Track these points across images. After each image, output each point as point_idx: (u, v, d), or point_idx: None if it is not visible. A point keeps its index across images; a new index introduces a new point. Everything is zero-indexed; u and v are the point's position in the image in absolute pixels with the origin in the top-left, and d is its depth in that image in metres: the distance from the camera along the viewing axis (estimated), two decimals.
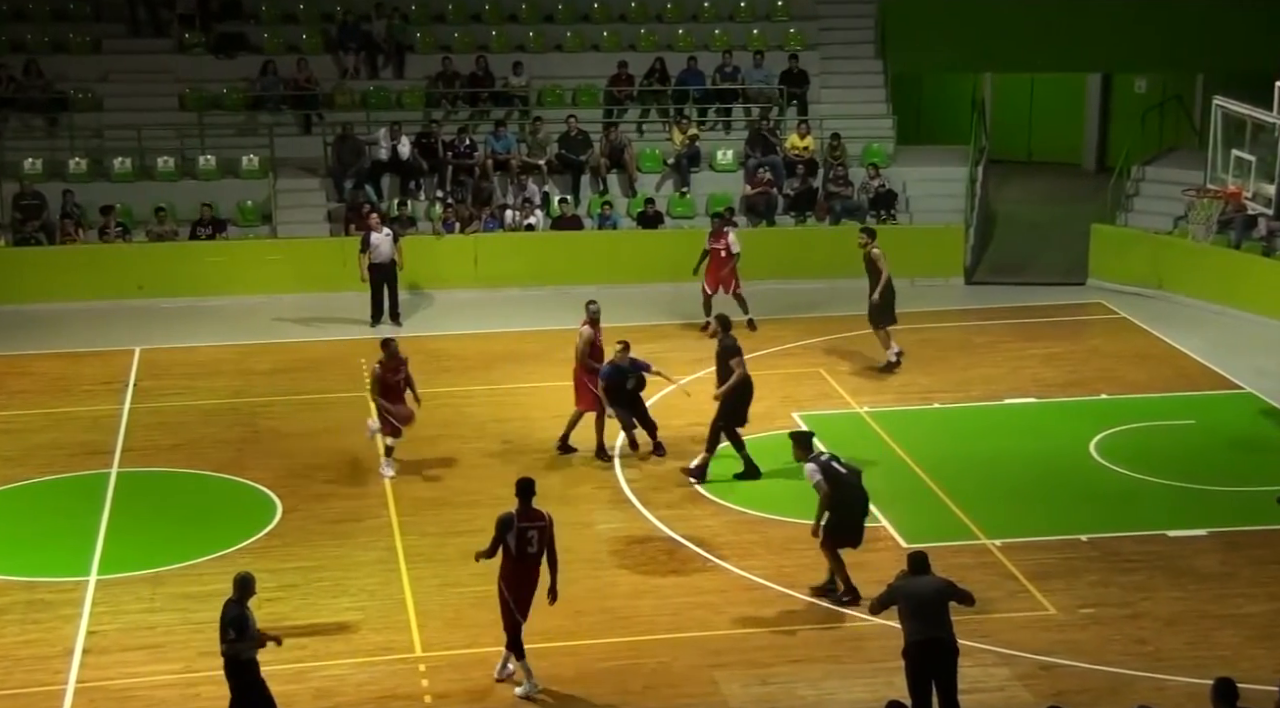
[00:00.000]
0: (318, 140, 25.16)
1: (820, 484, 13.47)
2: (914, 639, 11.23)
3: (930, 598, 11.28)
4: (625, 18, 27.68)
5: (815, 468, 13.55)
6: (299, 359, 20.82)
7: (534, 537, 12.07)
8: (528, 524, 12.13)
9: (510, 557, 12.13)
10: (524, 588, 12.18)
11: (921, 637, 11.19)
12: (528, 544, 12.05)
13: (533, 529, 12.09)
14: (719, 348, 16.72)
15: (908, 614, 11.29)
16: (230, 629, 11.09)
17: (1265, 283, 21.86)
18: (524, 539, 12.05)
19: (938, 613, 11.25)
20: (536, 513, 12.18)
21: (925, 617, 11.21)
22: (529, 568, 12.16)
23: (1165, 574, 14.23)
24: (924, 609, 11.23)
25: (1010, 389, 19.07)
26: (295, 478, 16.67)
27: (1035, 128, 31.38)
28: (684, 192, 24.97)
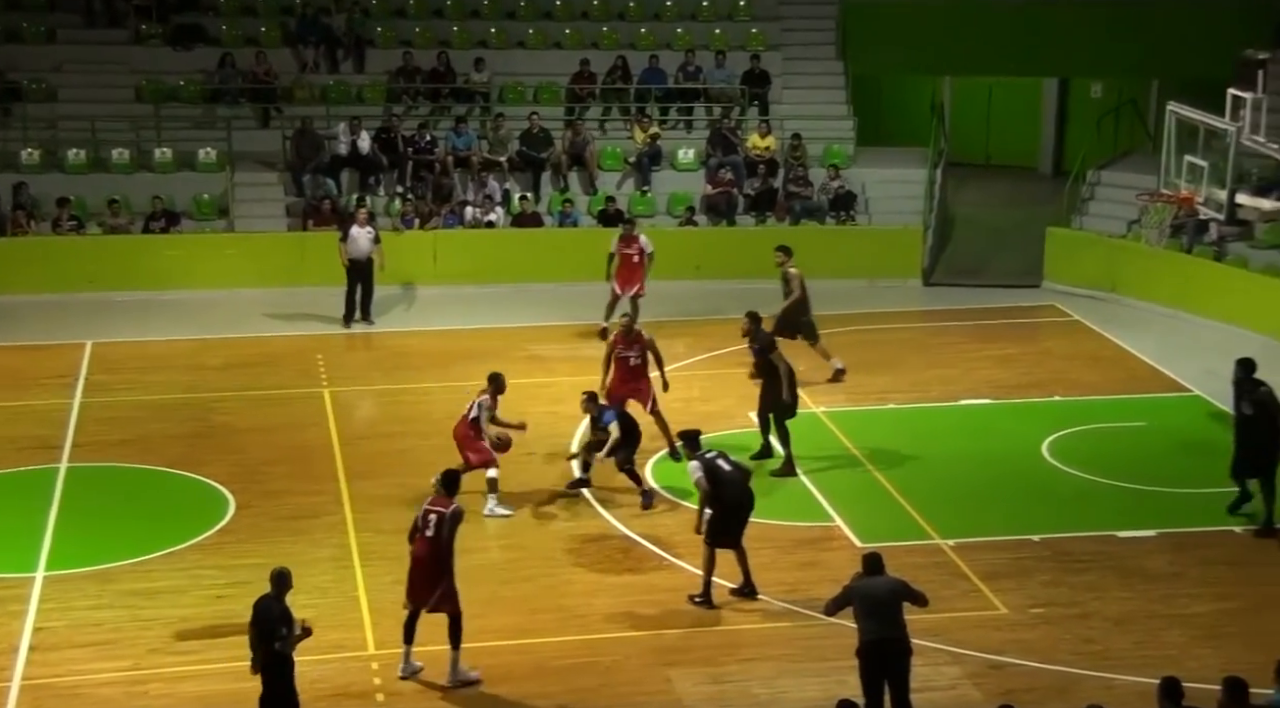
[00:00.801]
0: (276, 134, 25.03)
1: (700, 482, 13.62)
2: (868, 639, 11.31)
3: (885, 598, 11.37)
4: (587, 15, 27.67)
5: (697, 466, 13.71)
6: (255, 354, 20.71)
7: (432, 520, 12.19)
8: (432, 508, 12.29)
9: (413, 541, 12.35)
10: (415, 568, 12.27)
11: (876, 636, 11.27)
12: (426, 526, 12.20)
13: (433, 513, 12.24)
14: (757, 343, 16.71)
15: (862, 614, 11.37)
16: (281, 627, 11.03)
17: (1215, 287, 22.08)
18: (424, 521, 12.24)
19: (892, 613, 11.33)
20: (446, 501, 12.32)
21: (880, 617, 11.29)
22: (418, 550, 12.23)
23: (1114, 575, 14.36)
24: (878, 609, 11.31)
25: (965, 390, 19.19)
26: (249, 474, 16.59)
27: (993, 131, 31.59)
28: (645, 190, 25.00)
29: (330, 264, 22.10)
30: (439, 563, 12.20)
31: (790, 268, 19.33)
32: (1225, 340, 20.99)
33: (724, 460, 13.84)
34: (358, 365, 20.51)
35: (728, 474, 13.71)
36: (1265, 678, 10.46)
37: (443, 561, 12.20)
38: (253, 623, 11.24)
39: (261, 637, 11.11)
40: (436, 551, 12.19)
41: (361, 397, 19.39)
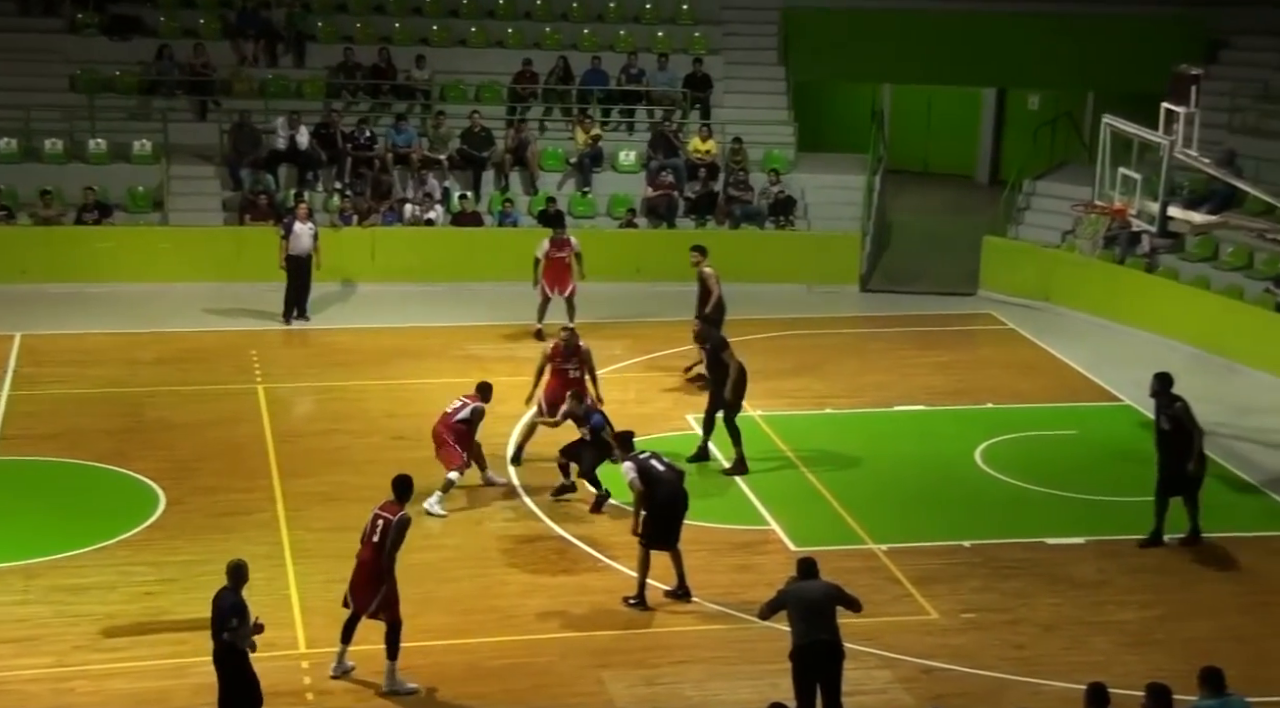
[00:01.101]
0: (214, 127, 24.79)
1: (634, 482, 13.69)
2: (801, 642, 11.36)
3: (818, 602, 11.43)
4: (530, 15, 27.63)
5: (631, 466, 13.80)
6: (188, 349, 20.50)
7: (379, 526, 12.13)
8: (381, 513, 12.24)
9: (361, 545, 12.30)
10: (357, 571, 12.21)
11: (808, 639, 11.32)
12: (374, 532, 12.15)
13: (381, 519, 12.19)
14: (710, 344, 16.82)
15: (796, 618, 11.43)
16: (232, 618, 10.95)
17: (1147, 298, 22.39)
18: (373, 526, 12.20)
19: (825, 617, 11.39)
20: (394, 509, 12.24)
21: (813, 620, 11.35)
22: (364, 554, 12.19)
23: (1044, 581, 14.51)
24: (812, 613, 11.37)
25: (901, 396, 19.33)
26: (180, 470, 16.42)
27: (932, 140, 31.86)
28: (586, 191, 24.99)
29: (266, 259, 21.93)
30: (381, 569, 12.10)
31: (705, 267, 19.39)
32: (1156, 351, 21.29)
33: (657, 461, 13.90)
34: (293, 362, 20.36)
35: (661, 474, 13.77)
36: (1190, 685, 10.62)
37: (386, 567, 12.10)
38: (212, 617, 11.17)
39: (216, 628, 11.04)
40: (380, 557, 12.11)
41: (296, 393, 19.24)
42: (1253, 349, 20.60)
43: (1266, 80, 25.42)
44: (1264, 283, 21.43)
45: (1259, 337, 20.60)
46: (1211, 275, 22.23)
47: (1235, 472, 17.25)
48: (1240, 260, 22.33)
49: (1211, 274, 22.26)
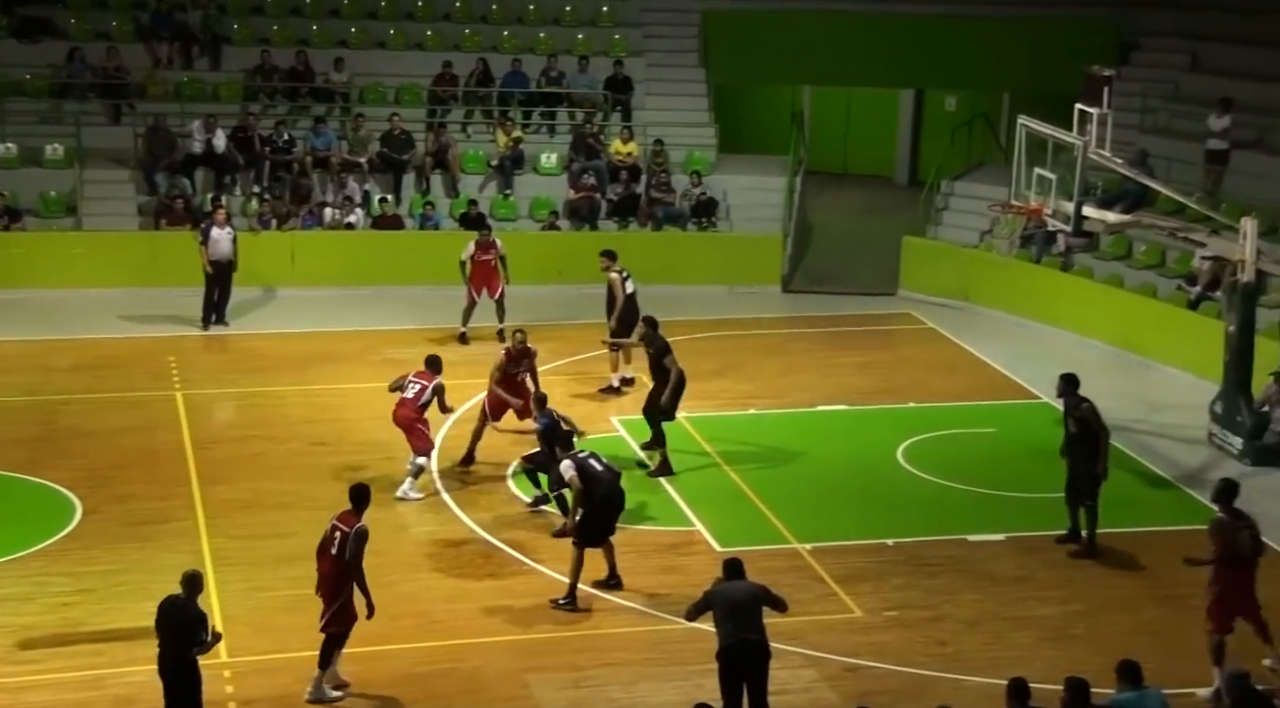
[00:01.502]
0: (128, 131, 24.44)
1: (573, 480, 13.79)
2: (727, 642, 11.41)
3: (744, 602, 11.49)
4: (450, 17, 27.50)
5: (570, 464, 13.90)
6: (103, 356, 20.20)
7: (337, 538, 11.99)
8: (338, 524, 12.12)
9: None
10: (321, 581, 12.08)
11: (734, 639, 11.38)
12: (332, 544, 12.02)
13: (339, 530, 12.04)
14: (653, 348, 16.90)
15: (722, 618, 11.48)
16: (200, 630, 10.85)
17: (1063, 297, 22.70)
18: (330, 537, 12.05)
19: (751, 617, 11.45)
20: (351, 519, 12.09)
21: (739, 620, 11.40)
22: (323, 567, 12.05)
23: (965, 578, 14.67)
24: (738, 613, 11.43)
25: (824, 396, 19.46)
26: (96, 478, 16.18)
27: (851, 141, 32.09)
28: (507, 194, 24.92)
29: (183, 264, 21.67)
30: (341, 581, 11.95)
31: (612, 272, 19.36)
32: (1072, 349, 21.62)
33: (595, 460, 13.98)
34: (211, 368, 20.11)
35: (599, 473, 13.85)
36: (1109, 679, 10.78)
37: (356, 579, 11.93)
38: (160, 625, 11.00)
39: (178, 639, 10.86)
40: (341, 569, 11.93)
41: (215, 400, 19.02)
42: (1166, 346, 20.95)
43: (1176, 82, 25.89)
44: (1176, 281, 21.80)
45: (1172, 334, 20.96)
46: (1125, 274, 22.58)
47: (1151, 467, 17.55)
48: (1153, 259, 22.71)
49: (1125, 273, 22.61)
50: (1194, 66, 26.14)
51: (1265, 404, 17.89)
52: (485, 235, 21.20)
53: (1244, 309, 17.80)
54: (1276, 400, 17.79)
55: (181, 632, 10.88)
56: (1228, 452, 17.91)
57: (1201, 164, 23.43)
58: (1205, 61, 26.06)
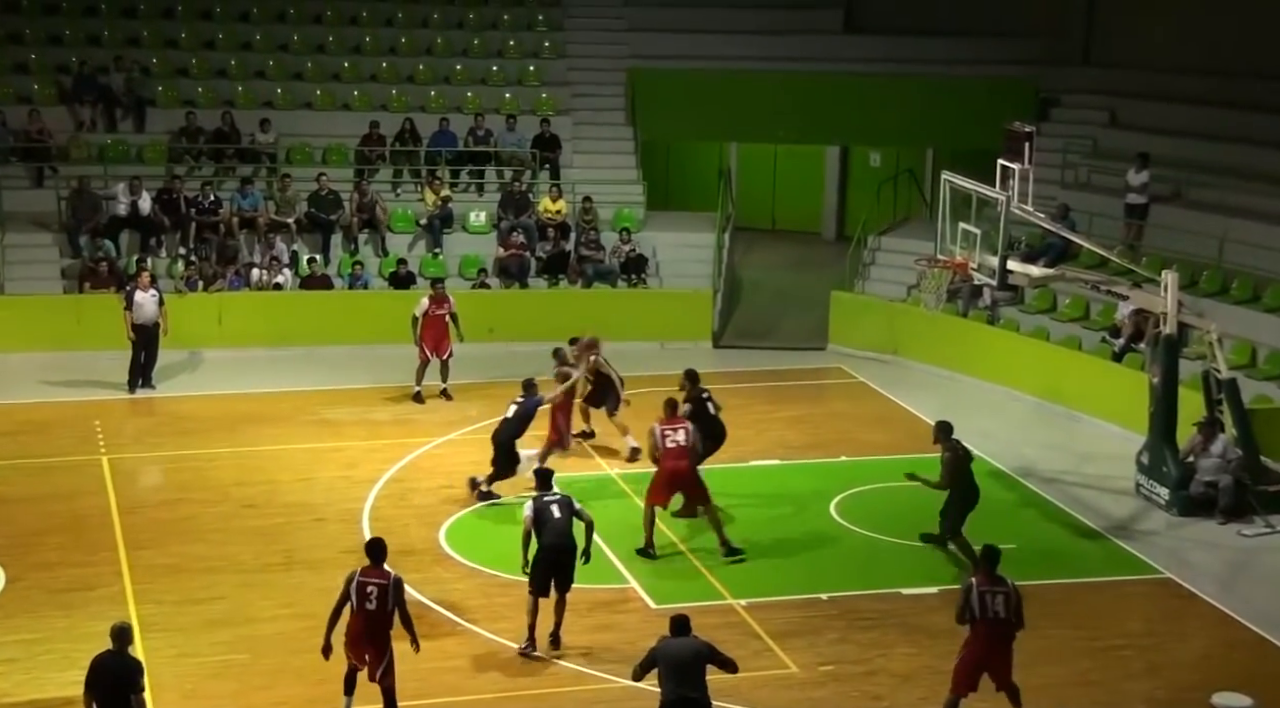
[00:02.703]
0: (51, 194, 24.19)
1: (526, 519, 13.89)
2: (667, 699, 11.39)
3: (687, 660, 11.49)
4: (376, 78, 27.54)
5: (530, 504, 13.97)
6: (27, 421, 19.87)
7: (372, 593, 12.19)
8: (367, 579, 12.29)
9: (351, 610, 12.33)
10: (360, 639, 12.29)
11: (675, 697, 11.37)
12: (366, 599, 12.21)
13: (371, 585, 12.23)
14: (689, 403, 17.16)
15: (665, 675, 11.48)
16: (139, 676, 10.84)
17: (989, 350, 22.96)
18: (363, 594, 12.22)
19: (693, 675, 11.44)
20: (382, 572, 12.33)
21: (680, 678, 11.40)
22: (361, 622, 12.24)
23: (900, 631, 14.70)
24: (680, 671, 11.42)
25: (756, 451, 19.49)
26: (19, 546, 15.86)
27: (778, 198, 32.40)
28: (437, 252, 24.89)
29: (108, 327, 21.41)
30: (385, 631, 12.27)
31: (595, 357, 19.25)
32: (1000, 401, 21.84)
33: (559, 507, 13.93)
34: (138, 432, 19.84)
35: (554, 521, 13.85)
36: None
37: (388, 629, 12.26)
38: (96, 684, 10.87)
39: (117, 692, 10.75)
40: (384, 619, 12.25)
41: (142, 464, 18.74)
42: (1092, 398, 21.22)
43: (1095, 138, 26.41)
44: (1100, 333, 22.14)
45: (1097, 386, 21.24)
46: (1050, 327, 22.89)
47: (1080, 518, 17.72)
48: (1077, 312, 23.05)
49: (1050, 326, 22.93)
50: (1112, 122, 26.70)
51: (1190, 455, 18.14)
52: (439, 290, 21.13)
53: (1167, 361, 18.08)
54: (1201, 450, 18.05)
55: (121, 682, 10.77)
56: (1155, 502, 18.13)
57: (1122, 218, 23.89)
58: (1123, 118, 26.64)
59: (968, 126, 26.38)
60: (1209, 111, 25.20)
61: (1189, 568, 16.34)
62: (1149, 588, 15.98)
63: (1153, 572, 16.29)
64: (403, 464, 18.53)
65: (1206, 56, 25.72)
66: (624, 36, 28.58)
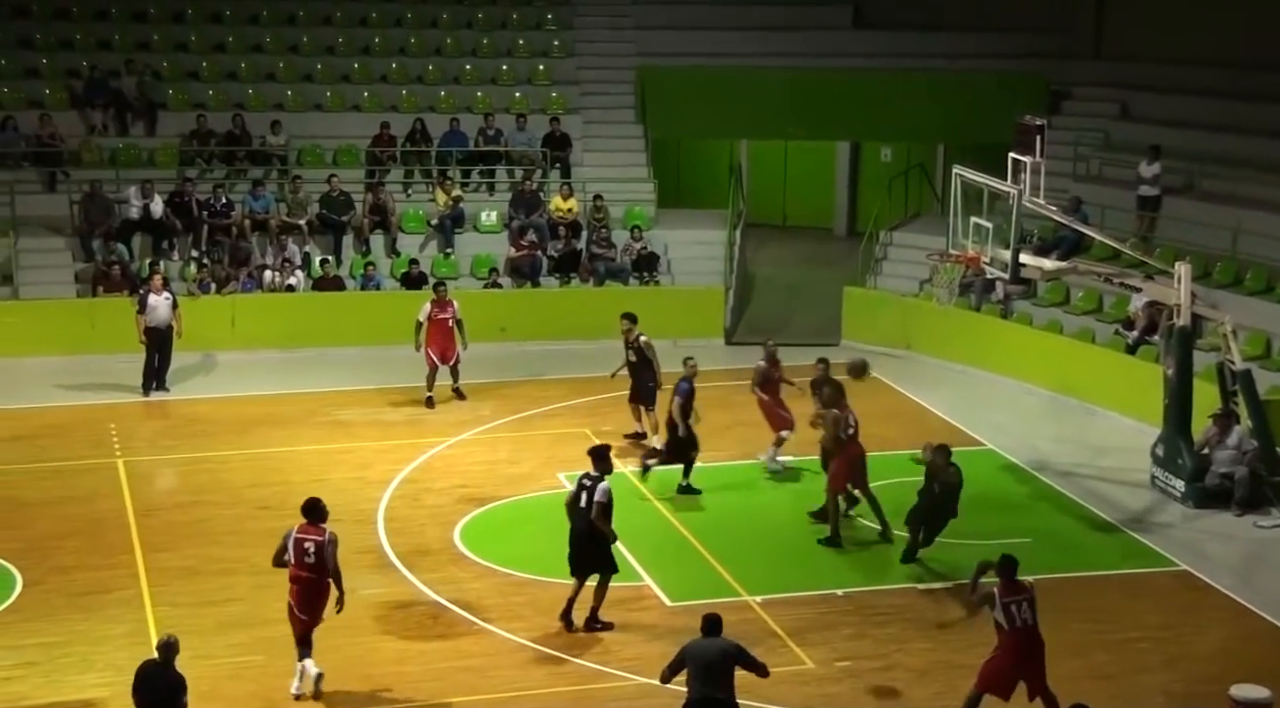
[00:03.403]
0: (63, 198, 24.26)
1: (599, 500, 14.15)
2: (692, 698, 11.40)
3: (715, 660, 11.48)
4: (386, 78, 27.58)
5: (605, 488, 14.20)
6: (43, 425, 19.93)
7: (310, 549, 12.88)
8: (305, 537, 12.96)
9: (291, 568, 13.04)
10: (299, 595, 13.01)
11: (699, 696, 11.38)
12: (305, 555, 12.91)
13: (309, 542, 12.91)
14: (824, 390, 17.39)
15: (692, 674, 11.48)
16: (181, 693, 10.89)
17: (1003, 344, 22.93)
18: (301, 550, 12.93)
19: (719, 675, 11.44)
20: (319, 530, 12.98)
21: (707, 678, 11.40)
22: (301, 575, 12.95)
23: (916, 626, 14.68)
24: (707, 670, 11.42)
25: (768, 446, 19.45)
26: (36, 549, 15.91)
27: (789, 194, 32.37)
28: (448, 252, 24.91)
29: (122, 331, 21.48)
30: (324, 581, 12.97)
31: (643, 336, 19.24)
32: (1014, 395, 21.81)
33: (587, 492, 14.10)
34: (153, 434, 19.89)
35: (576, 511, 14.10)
36: None
37: (327, 581, 12.95)
38: (139, 692, 10.91)
39: (162, 703, 10.82)
40: (323, 575, 12.93)
41: (157, 466, 18.79)
42: (1106, 391, 21.18)
43: (1107, 130, 26.35)
44: (1114, 326, 22.09)
45: (1111, 379, 21.19)
46: (1063, 320, 22.85)
47: (1095, 511, 17.69)
48: (1090, 304, 23.00)
49: (1063, 319, 22.88)
50: (1123, 115, 26.65)
51: (1205, 446, 18.10)
52: (442, 294, 20.96)
53: (1181, 353, 18.04)
54: (1216, 442, 18.01)
55: (164, 697, 10.80)
56: (1170, 495, 18.09)
57: (1134, 210, 23.83)
58: (1134, 110, 26.58)
59: (978, 121, 26.34)
60: (1220, 103, 25.13)
61: (1205, 560, 16.31)
62: (1165, 581, 15.95)
63: (1169, 564, 16.26)
64: (416, 465, 18.56)
65: (1217, 48, 25.64)
66: (633, 34, 28.58)
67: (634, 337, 19.22)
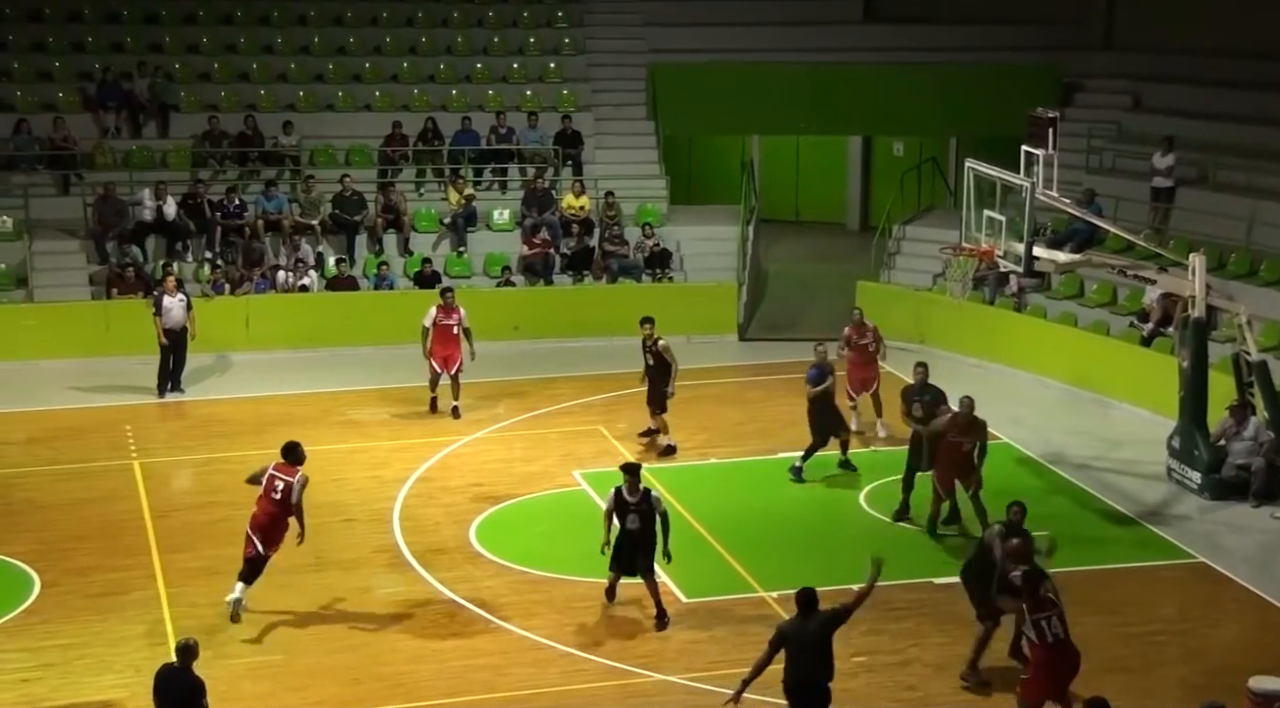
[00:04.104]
0: (77, 201, 24.33)
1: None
2: (789, 683, 11.57)
3: (811, 643, 11.57)
4: (397, 78, 27.61)
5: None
6: (59, 427, 20.00)
7: (279, 486, 14.19)
8: (277, 474, 14.29)
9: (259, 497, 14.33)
10: (261, 522, 14.29)
11: (796, 682, 11.56)
12: (273, 491, 14.25)
13: (279, 480, 14.23)
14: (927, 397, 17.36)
15: (790, 657, 11.59)
16: (200, 696, 10.90)
17: (1017, 337, 22.88)
18: (270, 485, 14.29)
19: (817, 656, 11.55)
20: (292, 471, 14.28)
21: (803, 661, 11.54)
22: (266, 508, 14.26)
23: (933, 621, 14.66)
24: (804, 653, 11.55)
25: (784, 443, 19.43)
26: (54, 551, 15.96)
27: (802, 189, 32.35)
28: (461, 251, 24.94)
29: (136, 333, 21.55)
30: (285, 517, 14.20)
31: (661, 340, 19.00)
32: (1029, 388, 21.77)
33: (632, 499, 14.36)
34: (169, 435, 19.95)
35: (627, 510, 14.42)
36: None
37: (286, 516, 14.17)
38: (158, 694, 10.93)
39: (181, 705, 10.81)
40: (285, 511, 14.18)
41: (173, 467, 18.84)
42: (1121, 383, 21.12)
43: (1120, 122, 26.27)
44: (1128, 318, 22.02)
45: (1126, 371, 21.14)
46: (1078, 313, 22.79)
47: (1111, 504, 17.65)
48: (1104, 297, 22.94)
49: (1078, 311, 22.83)
50: (1136, 106, 26.57)
51: (1222, 438, 18.04)
52: (449, 299, 20.35)
53: (1196, 344, 17.98)
54: (1233, 434, 17.95)
55: (182, 700, 10.82)
56: (1187, 486, 18.04)
57: (1148, 202, 23.76)
58: (1147, 101, 26.50)
59: (990, 114, 26.30)
60: (1233, 93, 25.05)
61: (1222, 552, 16.26)
62: (1182, 573, 15.91)
63: (1186, 557, 16.22)
64: (431, 463, 18.59)
65: (1229, 38, 25.55)
66: (643, 31, 28.58)
67: (653, 340, 19.07)
